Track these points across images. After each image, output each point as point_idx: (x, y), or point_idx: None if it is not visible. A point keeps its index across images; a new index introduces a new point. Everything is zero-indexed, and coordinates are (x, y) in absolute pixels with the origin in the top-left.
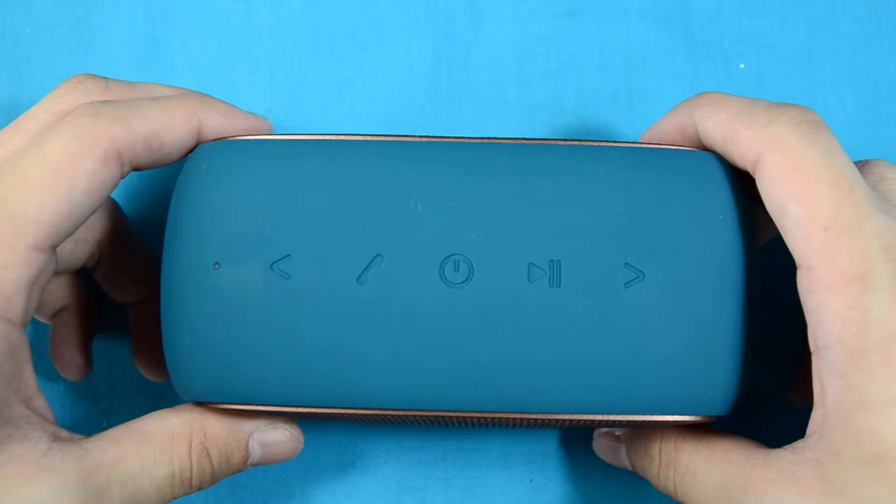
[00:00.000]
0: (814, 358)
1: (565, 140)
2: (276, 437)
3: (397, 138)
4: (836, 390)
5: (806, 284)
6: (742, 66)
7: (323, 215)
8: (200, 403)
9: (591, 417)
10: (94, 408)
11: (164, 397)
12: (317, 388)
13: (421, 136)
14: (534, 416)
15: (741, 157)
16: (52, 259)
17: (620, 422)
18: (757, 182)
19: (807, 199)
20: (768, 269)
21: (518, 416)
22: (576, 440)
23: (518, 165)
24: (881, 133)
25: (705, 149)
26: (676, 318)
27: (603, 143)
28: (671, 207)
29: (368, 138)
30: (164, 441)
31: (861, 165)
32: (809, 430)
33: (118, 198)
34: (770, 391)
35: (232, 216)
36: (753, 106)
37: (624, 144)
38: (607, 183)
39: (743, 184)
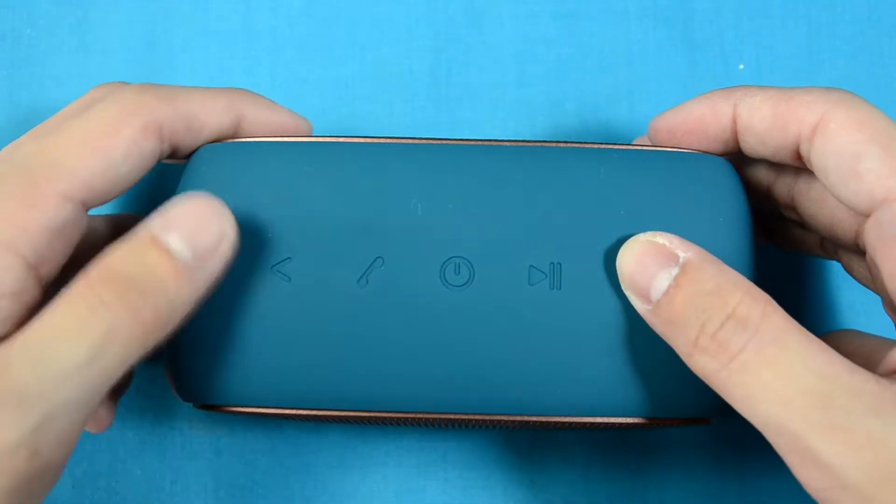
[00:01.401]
0: None
1: (566, 142)
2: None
3: (398, 140)
4: None
5: None
6: (741, 66)
7: (323, 217)
8: (200, 406)
9: (592, 420)
10: None
11: (164, 398)
12: (317, 390)
13: (421, 139)
14: (534, 419)
15: (798, 120)
16: (83, 217)
17: (623, 424)
18: (816, 140)
19: (887, 142)
20: (765, 273)
21: (519, 418)
22: (576, 441)
23: (519, 168)
24: None
25: (707, 150)
26: None
27: (603, 146)
28: (671, 210)
29: (369, 140)
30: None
31: None
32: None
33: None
34: None
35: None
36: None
37: (624, 147)
38: (608, 185)
39: (744, 187)
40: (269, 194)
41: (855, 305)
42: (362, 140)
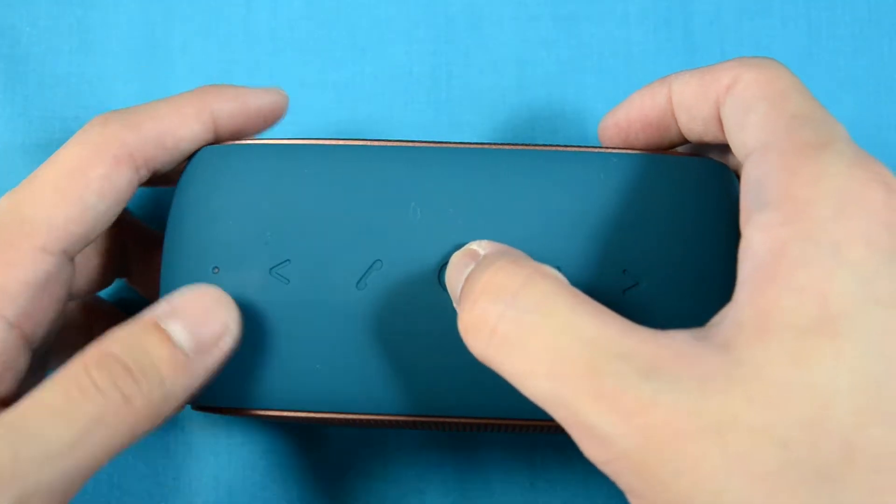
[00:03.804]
0: (750, 224)
1: (565, 146)
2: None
3: (397, 143)
4: (771, 242)
5: (760, 157)
6: None
7: (322, 220)
8: (198, 407)
9: None
10: None
11: None
12: (315, 392)
13: (421, 142)
14: (534, 422)
15: (717, 83)
16: (67, 267)
17: None
18: (726, 100)
19: (777, 99)
20: None
21: (519, 422)
22: (576, 444)
23: (518, 171)
24: (881, 134)
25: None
26: (672, 326)
27: (603, 150)
28: (669, 214)
29: (368, 143)
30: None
31: None
32: (716, 318)
33: None
34: None
35: (231, 221)
36: None
37: (623, 151)
38: (606, 189)
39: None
40: (267, 196)
41: None
42: (362, 143)
